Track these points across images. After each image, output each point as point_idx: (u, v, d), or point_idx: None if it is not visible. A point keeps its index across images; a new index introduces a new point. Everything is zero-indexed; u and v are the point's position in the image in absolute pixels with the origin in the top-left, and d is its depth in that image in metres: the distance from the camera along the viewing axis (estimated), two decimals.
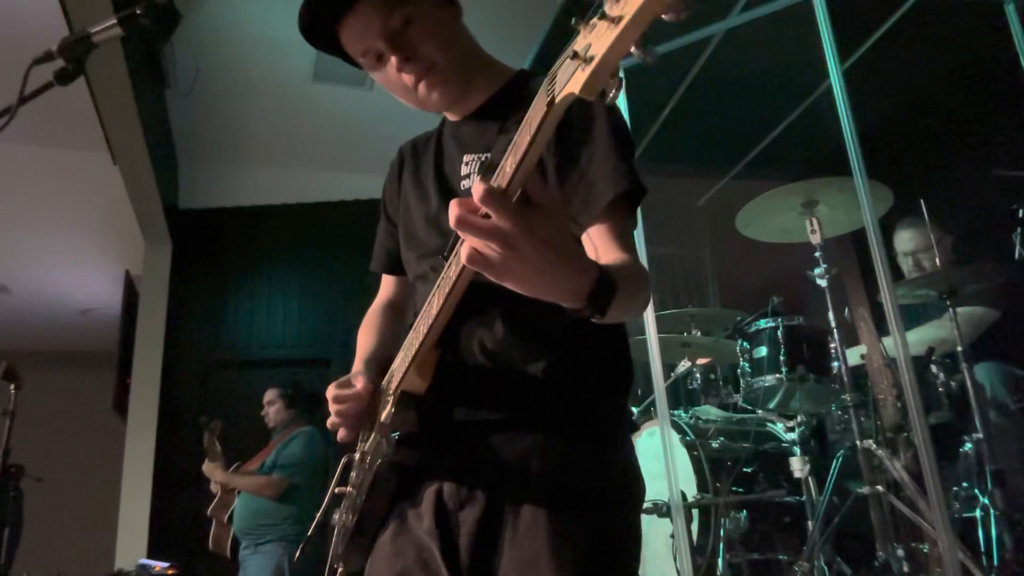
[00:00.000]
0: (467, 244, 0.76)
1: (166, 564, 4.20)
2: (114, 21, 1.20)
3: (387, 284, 1.43)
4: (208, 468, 4.17)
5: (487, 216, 0.74)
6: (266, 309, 5.77)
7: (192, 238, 5.75)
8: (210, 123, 5.42)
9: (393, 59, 1.13)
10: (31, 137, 4.87)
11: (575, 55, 0.67)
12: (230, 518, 4.10)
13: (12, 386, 3.43)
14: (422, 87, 1.14)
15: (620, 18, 0.63)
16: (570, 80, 0.68)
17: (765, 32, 3.47)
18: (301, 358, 5.64)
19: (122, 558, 4.85)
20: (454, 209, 0.74)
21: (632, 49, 0.64)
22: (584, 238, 1.04)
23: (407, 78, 1.14)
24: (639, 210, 1.12)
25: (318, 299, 5.77)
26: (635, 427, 1.17)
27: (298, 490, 3.95)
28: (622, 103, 3.32)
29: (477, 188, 0.73)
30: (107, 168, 4.80)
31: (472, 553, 1.02)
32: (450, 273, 0.93)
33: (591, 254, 1.00)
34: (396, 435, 1.05)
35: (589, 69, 0.65)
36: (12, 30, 3.82)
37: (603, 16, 0.64)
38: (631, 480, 1.10)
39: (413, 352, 1.03)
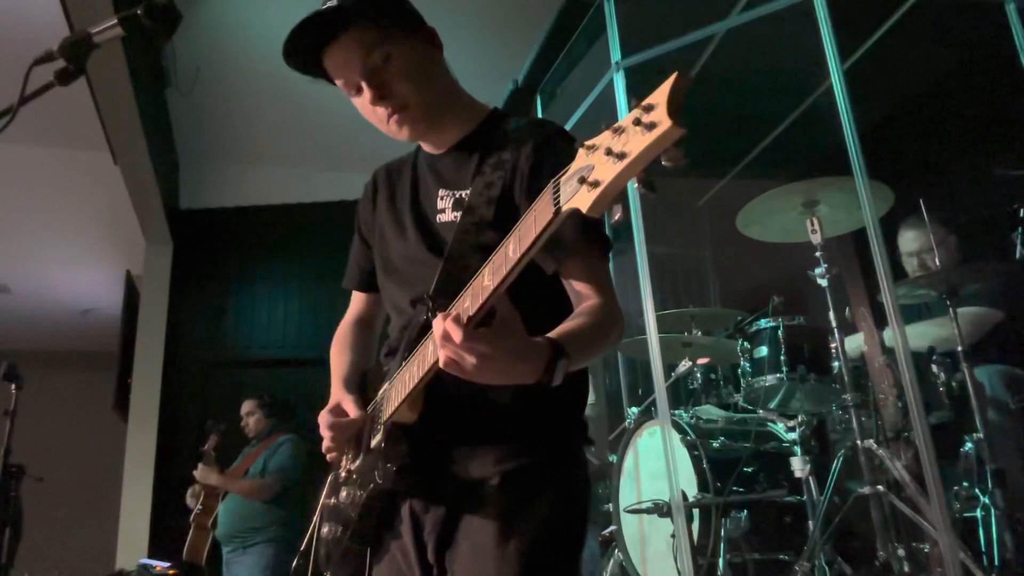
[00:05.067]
0: (444, 353, 0.92)
1: (167, 564, 4.21)
2: (115, 21, 1.19)
3: (357, 301, 1.50)
4: (203, 473, 4.19)
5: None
6: (266, 309, 5.77)
7: (192, 238, 5.75)
8: (210, 123, 5.42)
9: (369, 94, 1.19)
10: (31, 137, 4.87)
11: (582, 179, 0.76)
12: (214, 523, 4.17)
13: (12, 386, 3.43)
14: (393, 122, 1.22)
15: (624, 155, 0.71)
16: (575, 196, 0.77)
17: (765, 32, 3.46)
18: (301, 358, 5.64)
19: (122, 558, 4.85)
20: (438, 328, 0.91)
21: (635, 183, 0.72)
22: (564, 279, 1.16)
23: (380, 112, 1.22)
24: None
25: (318, 299, 5.77)
26: (590, 441, 1.25)
27: (287, 494, 4.06)
28: (622, 102, 3.33)
29: (449, 325, 0.90)
30: (107, 168, 4.81)
31: (436, 548, 1.15)
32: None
33: (569, 291, 1.16)
34: (392, 467, 1.14)
35: (596, 192, 0.74)
36: (13, 30, 3.82)
37: (608, 152, 0.72)
38: (578, 482, 1.20)
39: (406, 392, 1.11)
